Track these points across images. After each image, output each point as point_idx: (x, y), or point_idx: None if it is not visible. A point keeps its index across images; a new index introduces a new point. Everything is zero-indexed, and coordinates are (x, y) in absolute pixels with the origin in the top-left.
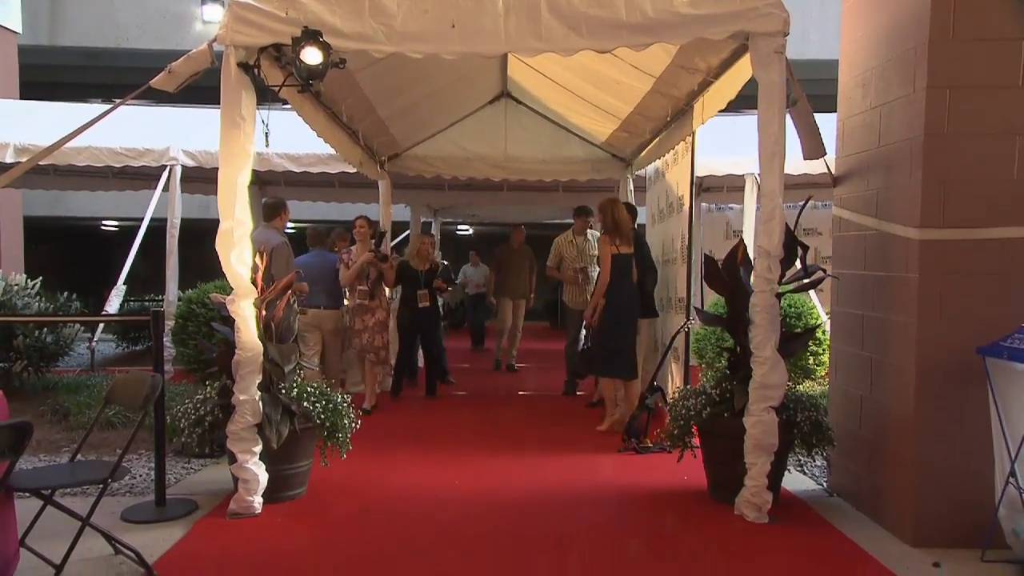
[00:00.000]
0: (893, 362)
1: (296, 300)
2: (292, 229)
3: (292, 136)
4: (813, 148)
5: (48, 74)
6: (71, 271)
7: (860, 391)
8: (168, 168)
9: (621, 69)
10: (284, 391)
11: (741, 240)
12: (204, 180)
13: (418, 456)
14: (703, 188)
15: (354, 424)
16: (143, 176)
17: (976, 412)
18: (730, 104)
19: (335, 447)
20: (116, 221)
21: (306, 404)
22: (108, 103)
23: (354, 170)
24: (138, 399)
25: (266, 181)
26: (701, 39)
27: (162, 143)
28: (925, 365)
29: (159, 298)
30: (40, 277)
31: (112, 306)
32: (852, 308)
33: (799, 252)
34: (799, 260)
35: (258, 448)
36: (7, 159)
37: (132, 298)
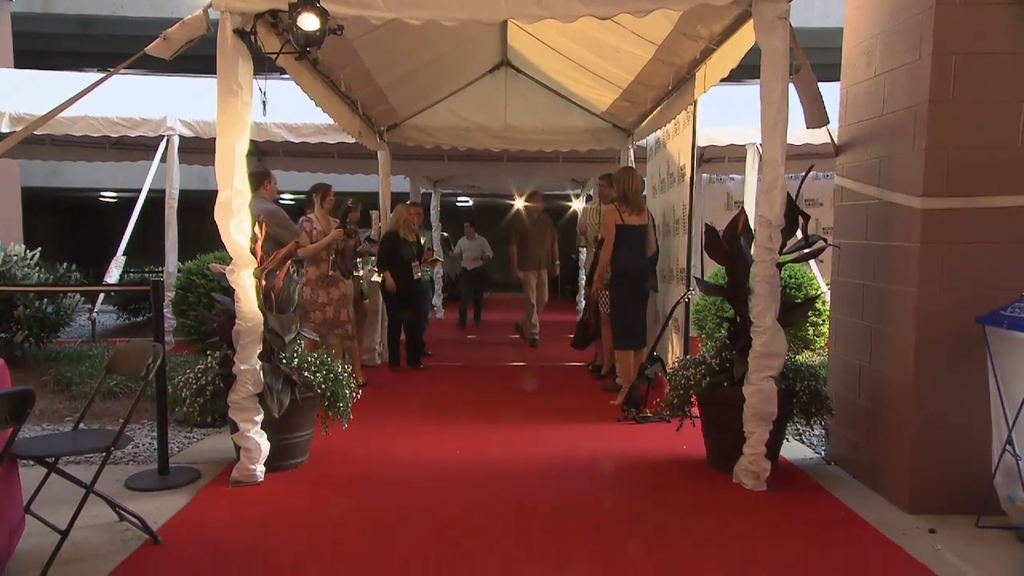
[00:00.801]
0: (893, 331)
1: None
2: (291, 200)
3: (290, 106)
4: (816, 117)
5: (42, 43)
6: (70, 242)
7: (859, 361)
8: (166, 139)
9: (622, 36)
10: (285, 361)
11: (742, 209)
12: (202, 151)
13: (419, 426)
14: (704, 159)
15: (355, 394)
16: (140, 147)
17: (974, 381)
18: (732, 73)
19: (336, 417)
20: (114, 192)
21: (307, 374)
22: (103, 72)
23: (353, 140)
24: (140, 368)
25: (264, 152)
26: (704, 5)
27: (159, 113)
28: (924, 334)
29: (159, 269)
30: (39, 248)
31: (112, 277)
32: (853, 278)
33: (800, 222)
34: (800, 230)
35: (259, 417)
36: (2, 128)
37: (132, 269)
